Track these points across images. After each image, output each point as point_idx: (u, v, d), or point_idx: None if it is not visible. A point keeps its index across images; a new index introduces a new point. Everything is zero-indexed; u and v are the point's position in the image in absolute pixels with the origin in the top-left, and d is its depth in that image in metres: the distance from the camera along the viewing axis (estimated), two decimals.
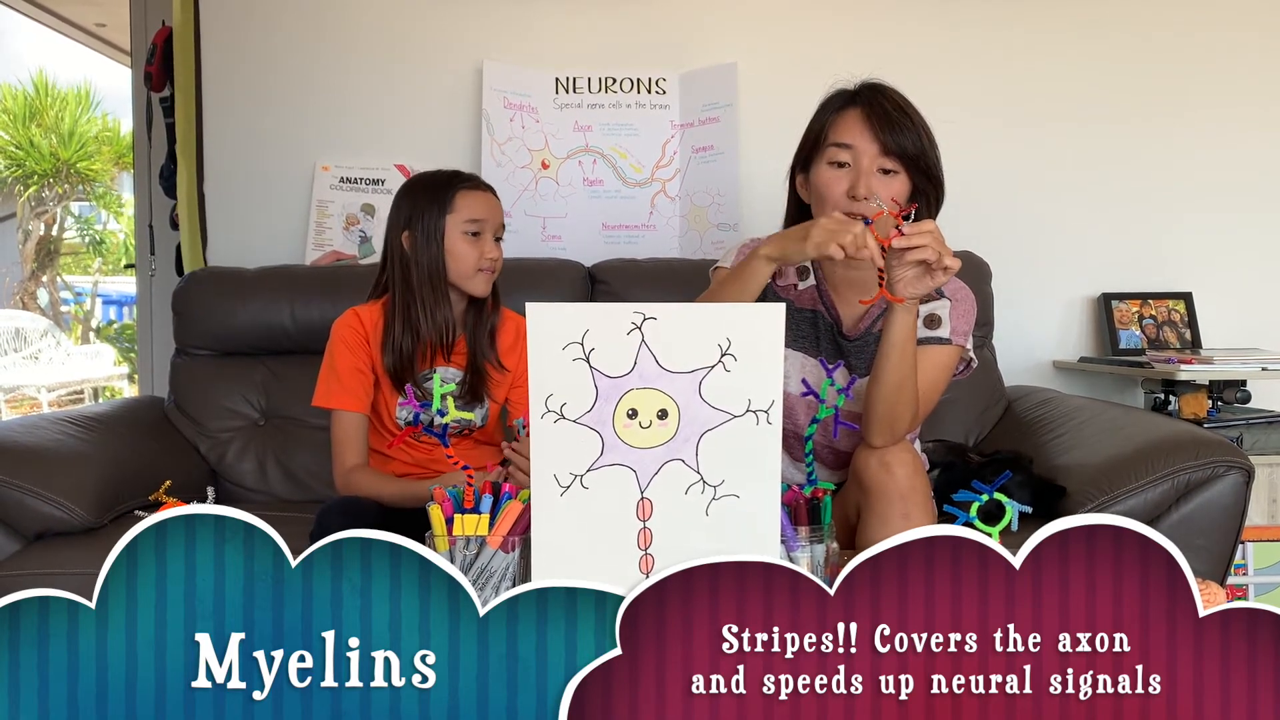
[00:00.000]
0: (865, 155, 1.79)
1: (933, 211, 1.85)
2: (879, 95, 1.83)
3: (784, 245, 1.72)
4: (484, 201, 2.09)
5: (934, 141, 1.83)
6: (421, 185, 2.11)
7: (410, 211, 2.08)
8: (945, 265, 1.59)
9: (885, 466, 1.70)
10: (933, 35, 3.03)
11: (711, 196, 2.96)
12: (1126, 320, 2.99)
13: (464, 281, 2.07)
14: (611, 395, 1.23)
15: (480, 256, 2.06)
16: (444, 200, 2.06)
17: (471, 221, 2.06)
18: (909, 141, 1.79)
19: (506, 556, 1.38)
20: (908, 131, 1.79)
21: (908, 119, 1.80)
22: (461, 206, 2.06)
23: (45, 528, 2.08)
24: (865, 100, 1.82)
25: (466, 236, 2.05)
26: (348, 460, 2.04)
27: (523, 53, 3.01)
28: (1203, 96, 3.06)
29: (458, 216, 2.06)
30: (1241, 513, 2.01)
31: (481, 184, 2.12)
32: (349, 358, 2.06)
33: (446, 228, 2.05)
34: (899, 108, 1.81)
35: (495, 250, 2.09)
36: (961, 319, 1.83)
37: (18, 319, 9.44)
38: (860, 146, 1.79)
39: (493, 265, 2.09)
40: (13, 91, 10.91)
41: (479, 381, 2.11)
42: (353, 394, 2.05)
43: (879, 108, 1.80)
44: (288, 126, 3.01)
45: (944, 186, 1.86)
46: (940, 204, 1.86)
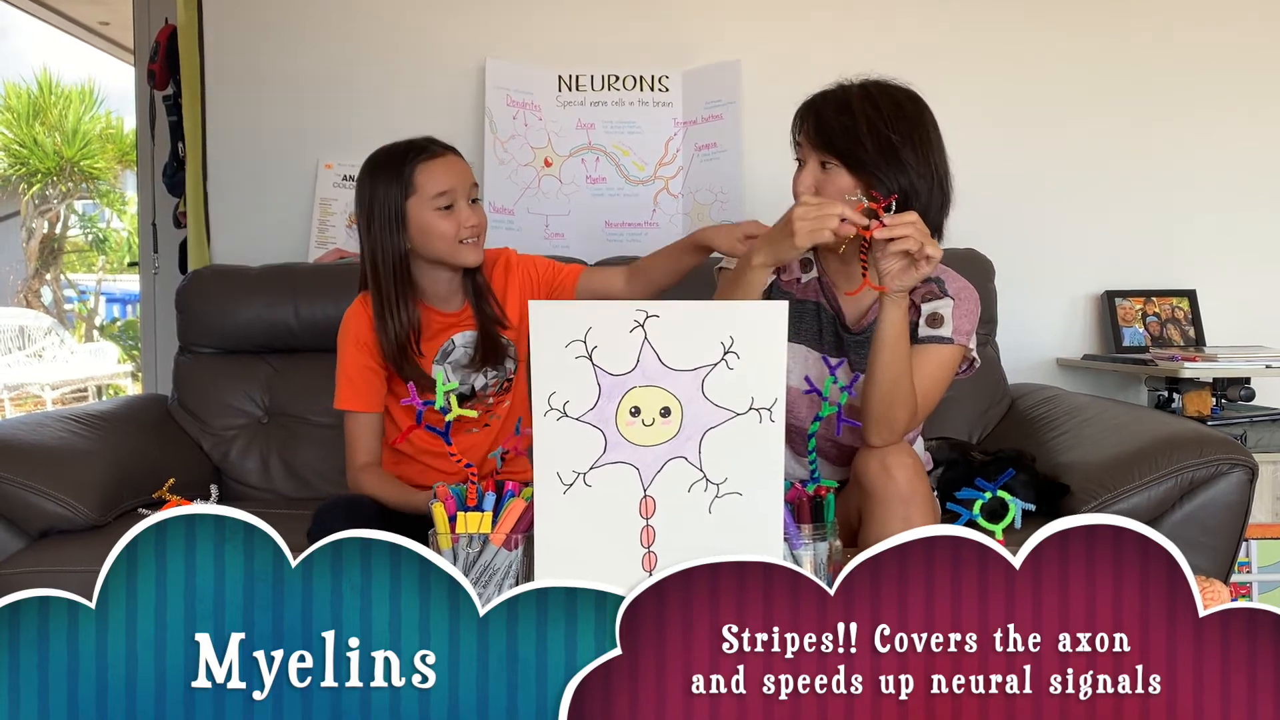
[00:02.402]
0: (809, 153, 1.81)
1: (935, 212, 1.81)
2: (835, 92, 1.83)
3: (774, 248, 1.72)
4: (446, 169, 1.92)
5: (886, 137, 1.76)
6: (377, 165, 1.94)
7: (370, 198, 1.92)
8: (927, 254, 1.60)
9: (886, 470, 1.70)
10: (935, 33, 3.02)
11: (714, 194, 2.96)
12: (1130, 318, 2.99)
13: (450, 257, 1.93)
14: (614, 393, 1.24)
15: (459, 228, 1.91)
16: (402, 179, 1.90)
17: (439, 195, 1.90)
18: (839, 136, 1.77)
19: (510, 554, 1.38)
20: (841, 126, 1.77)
21: (846, 113, 1.78)
22: (423, 182, 1.90)
23: (49, 526, 2.08)
24: (818, 97, 1.84)
25: (439, 212, 1.90)
26: (357, 459, 2.00)
27: (526, 50, 3.01)
28: (1207, 93, 3.05)
29: (422, 195, 1.90)
30: (1245, 511, 2.00)
31: (439, 149, 1.95)
32: (356, 356, 1.99)
33: (410, 211, 1.90)
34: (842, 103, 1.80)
35: (474, 216, 1.93)
36: (964, 318, 1.82)
37: (21, 317, 9.45)
38: (805, 143, 1.82)
39: (475, 232, 1.94)
40: (16, 89, 10.92)
41: (492, 345, 2.00)
42: (361, 394, 2.00)
43: (819, 104, 1.82)
44: (291, 124, 3.01)
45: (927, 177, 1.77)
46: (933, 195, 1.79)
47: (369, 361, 1.99)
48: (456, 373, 2.02)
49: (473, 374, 2.03)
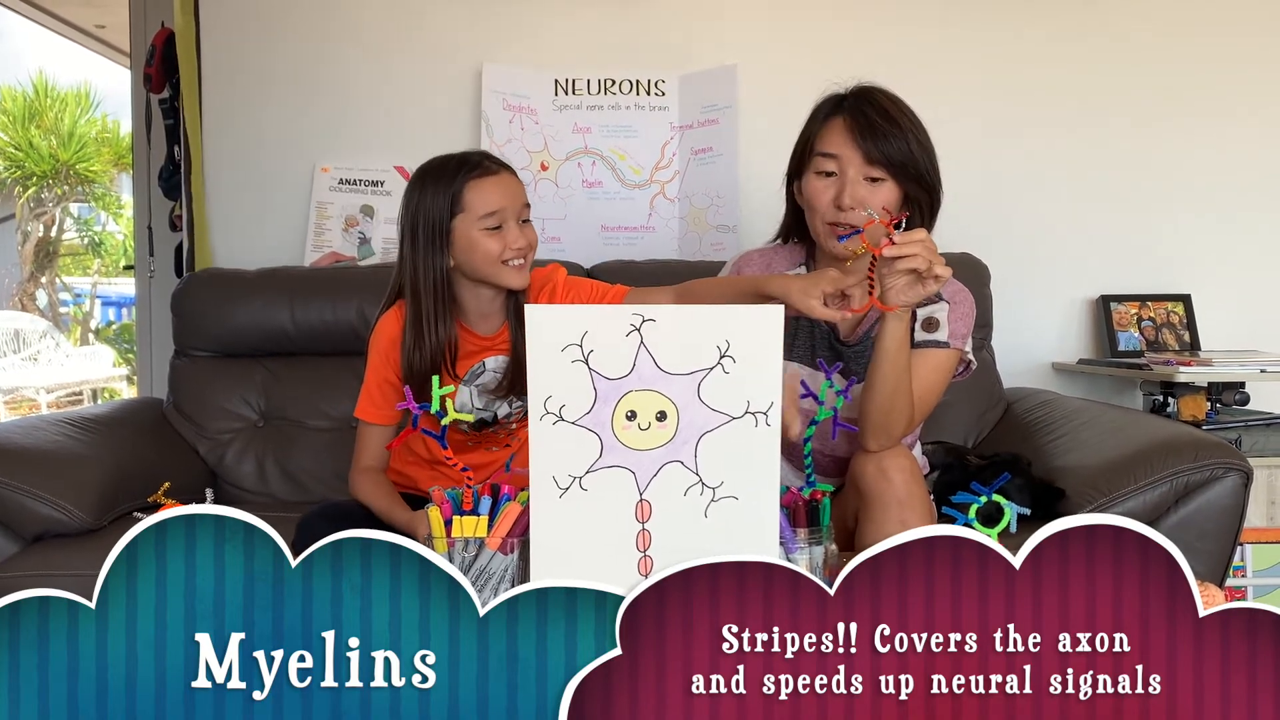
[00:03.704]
0: (851, 165, 1.77)
1: (926, 217, 1.82)
2: (865, 102, 1.80)
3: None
4: (497, 188, 1.84)
5: (928, 145, 1.80)
6: (427, 176, 1.87)
7: (415, 208, 1.85)
8: (936, 274, 1.59)
9: (883, 473, 1.70)
10: (932, 37, 3.03)
11: (710, 198, 2.96)
12: (1125, 322, 2.99)
13: (494, 278, 1.85)
14: (610, 397, 1.24)
15: (504, 248, 1.82)
16: (452, 197, 1.83)
17: (488, 215, 1.82)
18: (894, 149, 1.76)
19: (505, 558, 1.37)
20: (894, 139, 1.76)
21: (895, 126, 1.77)
22: (472, 202, 1.82)
23: (44, 529, 2.08)
24: (850, 108, 1.80)
25: (486, 231, 1.82)
26: (361, 462, 1.95)
27: (522, 54, 3.01)
28: (1202, 98, 3.06)
29: (470, 214, 1.82)
30: (1240, 515, 2.01)
31: (492, 166, 1.87)
32: (380, 369, 1.92)
33: (456, 229, 1.83)
34: (886, 114, 1.78)
35: (522, 237, 1.85)
36: (960, 322, 1.83)
37: (17, 320, 9.44)
38: (845, 156, 1.77)
39: (521, 254, 1.85)
40: (12, 93, 10.92)
41: (520, 373, 1.89)
42: (377, 407, 1.93)
43: (863, 116, 1.77)
44: (287, 128, 3.01)
45: (939, 191, 1.83)
46: (937, 208, 1.84)
47: (389, 375, 1.92)
48: (482, 397, 1.95)
49: (498, 401, 1.95)
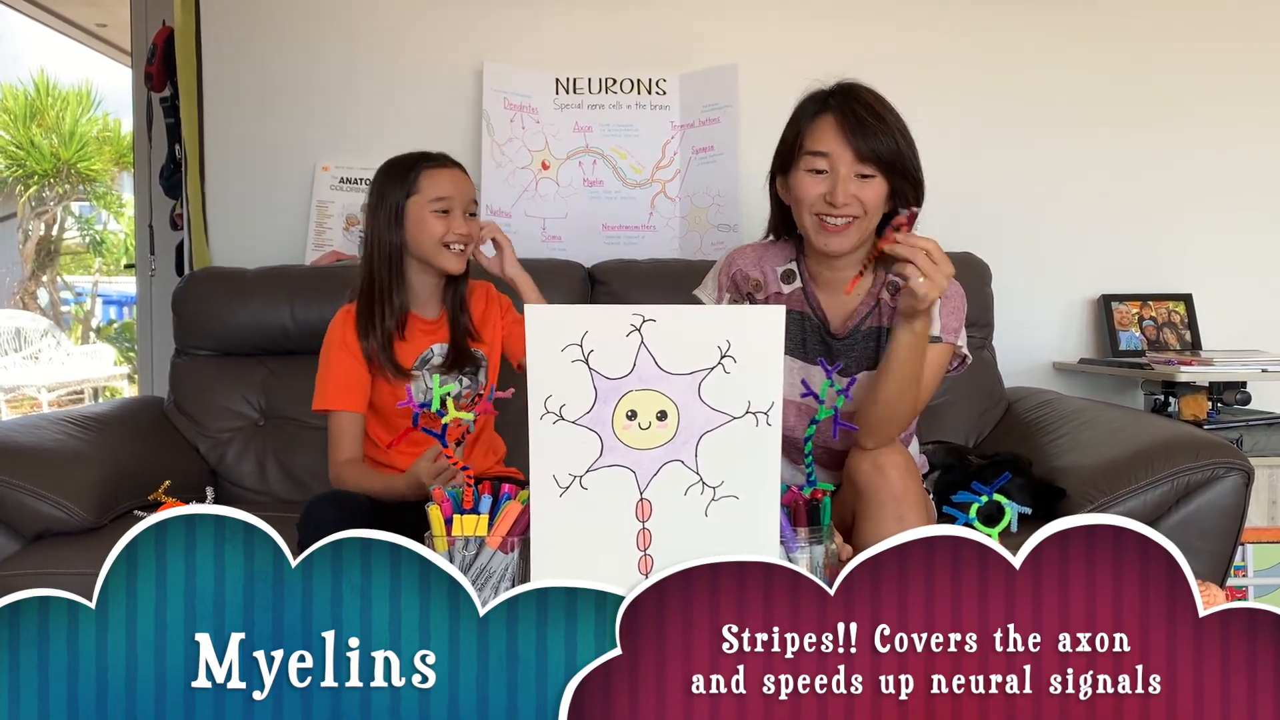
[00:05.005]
0: (842, 162, 1.77)
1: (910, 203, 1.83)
2: (852, 100, 1.80)
3: None
4: (449, 179, 2.07)
5: (911, 140, 1.81)
6: (389, 168, 2.10)
7: (378, 195, 2.07)
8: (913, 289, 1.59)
9: (879, 469, 1.70)
10: (933, 37, 3.03)
11: (711, 197, 2.96)
12: (1126, 322, 2.99)
13: (433, 258, 2.05)
14: (611, 396, 1.24)
15: (447, 230, 2.03)
16: (408, 181, 2.05)
17: (437, 200, 2.04)
18: (884, 146, 1.76)
19: (505, 557, 1.38)
20: (883, 136, 1.77)
21: (882, 123, 1.77)
22: (426, 186, 2.05)
23: (44, 528, 2.08)
24: (839, 106, 1.80)
25: (434, 214, 2.03)
26: (340, 455, 2.04)
27: (523, 54, 3.01)
28: (1203, 98, 3.06)
29: (422, 196, 2.04)
30: (1241, 514, 2.01)
31: (448, 162, 2.10)
32: (342, 357, 2.06)
33: (409, 208, 2.04)
34: (873, 111, 1.78)
35: (465, 226, 2.05)
36: (952, 315, 1.83)
37: (18, 319, 9.44)
38: (836, 154, 1.78)
39: (461, 239, 2.05)
40: (13, 91, 10.91)
41: (459, 353, 2.11)
42: (345, 393, 2.06)
43: (852, 114, 1.78)
44: (288, 127, 3.01)
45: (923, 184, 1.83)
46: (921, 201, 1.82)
47: (354, 363, 2.06)
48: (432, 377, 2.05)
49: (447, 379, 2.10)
